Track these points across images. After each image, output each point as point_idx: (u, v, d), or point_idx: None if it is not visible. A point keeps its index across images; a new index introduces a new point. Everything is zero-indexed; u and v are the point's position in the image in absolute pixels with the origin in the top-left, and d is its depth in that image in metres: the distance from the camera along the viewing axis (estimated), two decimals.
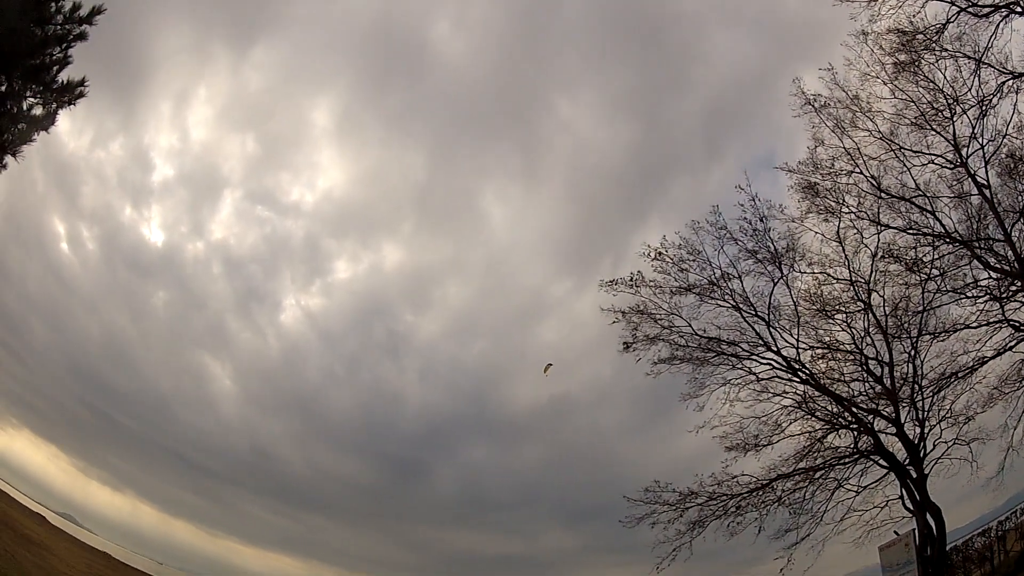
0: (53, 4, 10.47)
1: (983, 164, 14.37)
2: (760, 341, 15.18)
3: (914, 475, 14.72)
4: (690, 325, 15.09)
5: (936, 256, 15.20)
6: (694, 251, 14.87)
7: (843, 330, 15.53)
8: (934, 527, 13.89)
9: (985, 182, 14.30)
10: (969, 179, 14.75)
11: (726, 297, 14.97)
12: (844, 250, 15.27)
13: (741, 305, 15.00)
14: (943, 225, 15.13)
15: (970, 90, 13.87)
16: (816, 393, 15.45)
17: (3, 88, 10.19)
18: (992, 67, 13.42)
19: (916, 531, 14.00)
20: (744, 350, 15.25)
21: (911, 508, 14.60)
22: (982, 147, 14.21)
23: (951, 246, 15.13)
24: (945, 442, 15.16)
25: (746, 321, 15.13)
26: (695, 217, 15.51)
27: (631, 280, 14.94)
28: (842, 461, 15.57)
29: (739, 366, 15.34)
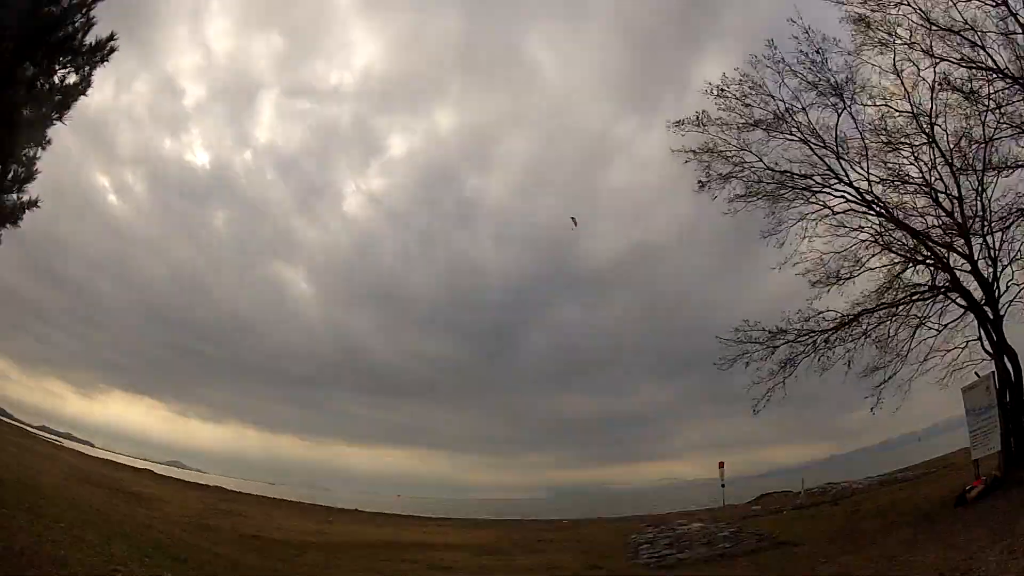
0: None
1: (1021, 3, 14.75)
2: (832, 174, 15.13)
3: (991, 316, 14.68)
4: (761, 160, 15.11)
5: (991, 91, 15.45)
6: (756, 86, 14.84)
7: (911, 163, 15.55)
8: (1011, 371, 13.81)
9: None
10: (1011, 17, 15.14)
11: (793, 131, 14.95)
12: (903, 83, 15.17)
13: (809, 138, 15.00)
14: (994, 61, 15.42)
15: None
16: (891, 226, 15.46)
17: (29, 72, 10.05)
18: None
19: (995, 375, 13.91)
20: (817, 183, 15.24)
21: (989, 351, 14.60)
22: None
23: (1004, 82, 15.39)
24: (1017, 284, 15.04)
25: (815, 154, 15.10)
26: (750, 46, 15.69)
27: (697, 119, 15.04)
28: (922, 297, 15.56)
29: (813, 200, 15.34)
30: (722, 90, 14.92)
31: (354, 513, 37.54)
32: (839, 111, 15.23)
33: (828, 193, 15.36)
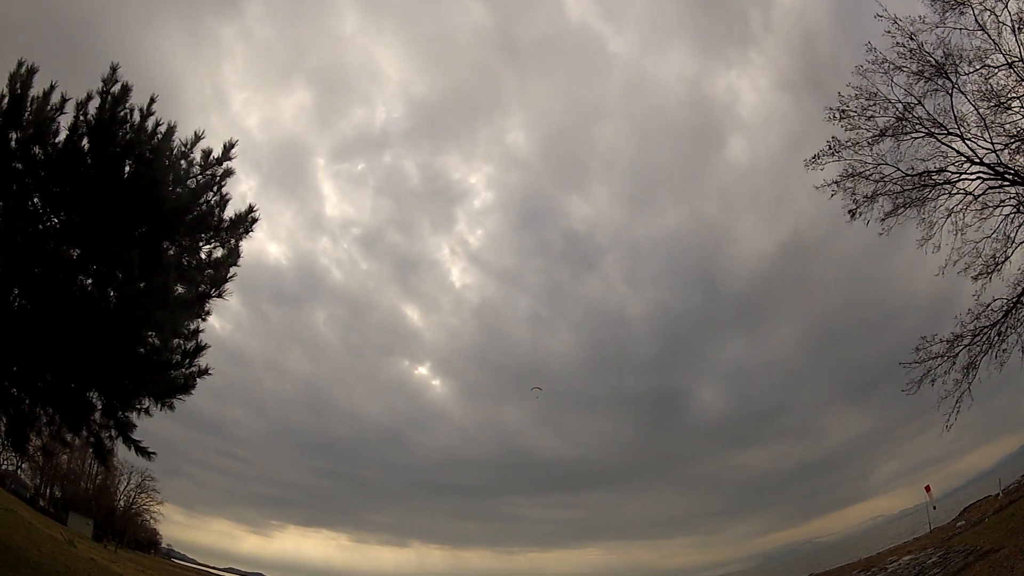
0: (183, 162, 10.66)
1: None
2: (963, 157, 14.76)
3: None
4: (898, 168, 14.89)
5: None
6: (871, 95, 14.70)
7: (1023, 117, 14.95)
8: None
9: None
10: None
11: (917, 128, 14.62)
12: (989, 36, 14.65)
13: (933, 129, 14.63)
14: None
15: None
16: None
17: (172, 252, 10.44)
18: None
19: None
20: (953, 172, 14.88)
21: None
22: None
23: None
24: None
25: (943, 143, 14.74)
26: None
27: (830, 148, 15.02)
28: None
29: (954, 192, 14.94)
30: (843, 111, 14.84)
31: None
32: (949, 91, 14.91)
33: (965, 179, 15.00)
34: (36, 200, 11.23)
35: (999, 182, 14.98)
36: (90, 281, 9.82)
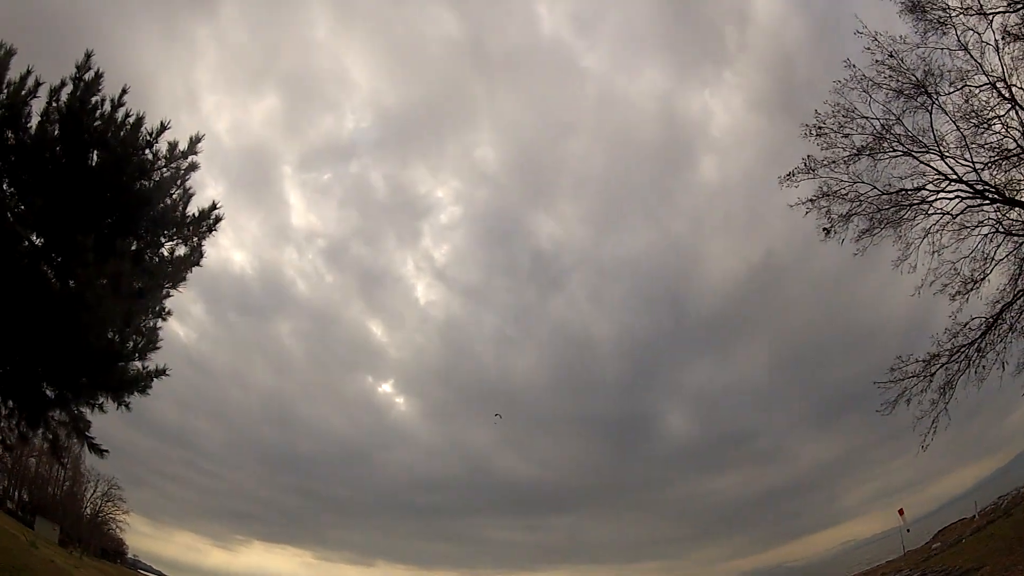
0: (148, 152, 10.31)
1: None
2: (941, 175, 14.80)
3: None
4: (874, 187, 14.93)
5: None
6: (848, 112, 14.75)
7: (1004, 135, 15.03)
8: None
9: None
10: None
11: (895, 146, 14.68)
12: (971, 56, 14.70)
13: (911, 148, 14.66)
14: None
15: None
16: (1006, 207, 14.90)
17: (133, 247, 10.05)
18: None
19: None
20: (931, 191, 14.90)
21: None
22: None
23: None
24: None
25: (920, 162, 14.78)
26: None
27: (805, 166, 15.02)
28: None
29: (932, 211, 14.98)
30: (819, 127, 14.87)
31: None
32: (929, 108, 15.01)
33: (943, 197, 15.05)
34: (4, 186, 11.07)
35: (978, 200, 15.03)
36: (51, 272, 9.63)
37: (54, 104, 10.73)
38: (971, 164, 14.89)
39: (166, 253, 10.43)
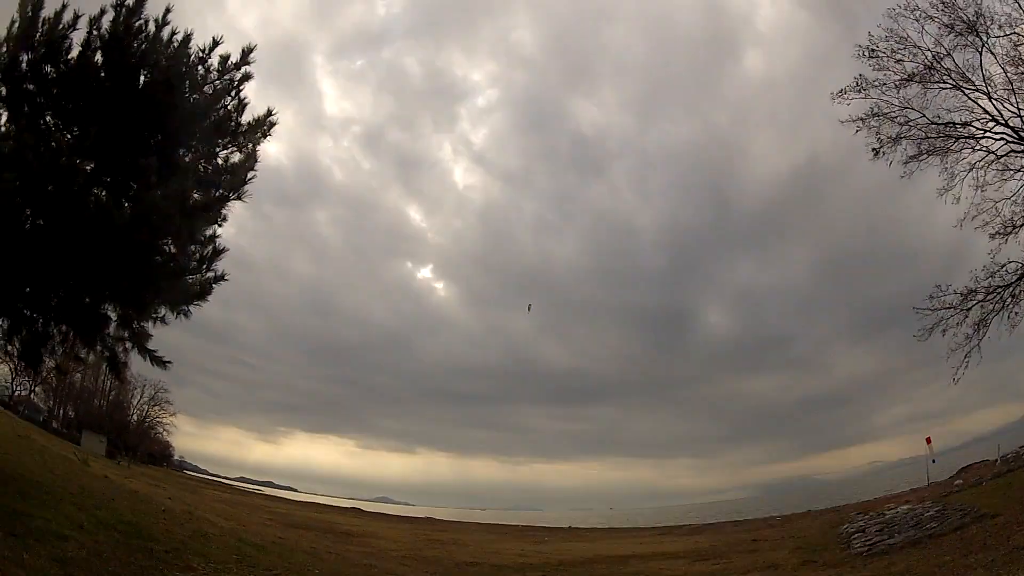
0: (200, 68, 10.35)
1: None
2: (988, 116, 14.75)
3: None
4: (923, 115, 14.94)
5: None
6: (901, 39, 14.69)
7: None
8: None
9: None
10: None
11: (945, 78, 14.61)
12: (1019, 4, 14.29)
13: (960, 83, 14.62)
14: None
15: None
16: None
17: (188, 158, 10.27)
18: None
19: None
20: (977, 128, 14.89)
21: None
22: None
23: None
24: None
25: (970, 99, 14.76)
26: None
27: (857, 84, 15.09)
28: None
29: (977, 148, 14.96)
30: (872, 50, 14.87)
31: (567, 531, 37.90)
32: (979, 48, 14.79)
33: (989, 138, 14.95)
34: (49, 118, 11.14)
35: (1021, 146, 14.92)
36: (104, 193, 9.80)
37: (95, 32, 10.74)
38: (1016, 109, 14.75)
39: (220, 162, 10.51)
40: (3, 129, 10.86)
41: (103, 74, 10.40)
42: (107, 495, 14.73)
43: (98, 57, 10.70)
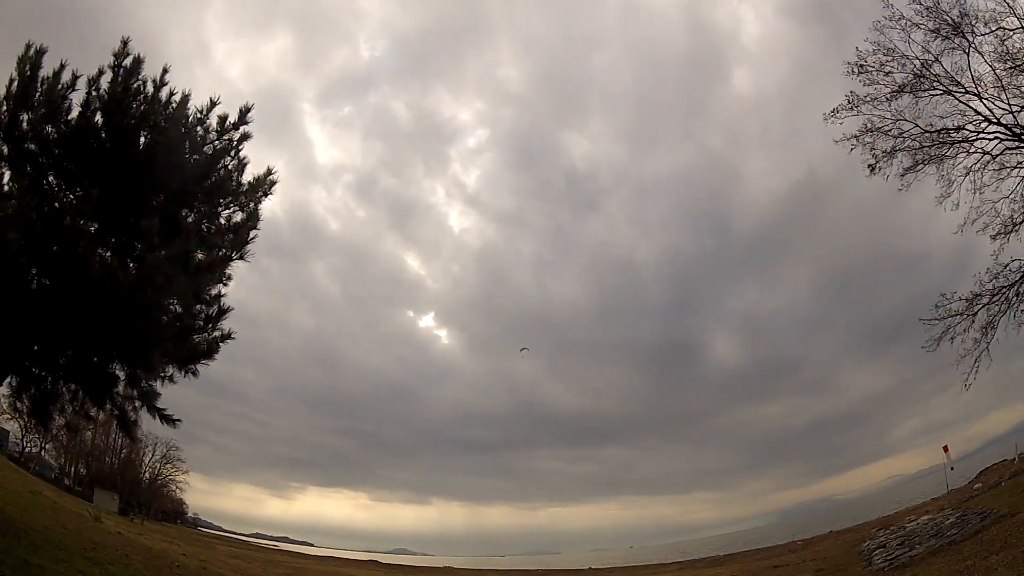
0: (199, 129, 10.52)
1: None
2: (981, 117, 14.80)
3: None
4: (916, 125, 15.01)
5: None
6: (888, 51, 14.83)
7: None
8: None
9: None
10: None
11: (935, 85, 14.70)
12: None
13: (950, 88, 14.69)
14: None
15: None
16: None
17: (191, 219, 10.35)
18: None
19: None
20: (971, 131, 14.94)
21: None
22: None
23: None
24: None
25: (960, 102, 14.84)
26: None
27: (849, 102, 15.21)
28: None
29: (972, 150, 15.02)
30: (861, 65, 15.00)
31: (587, 572, 37.70)
32: (966, 50, 14.90)
33: (983, 138, 15.01)
34: (51, 178, 11.27)
35: (1016, 143, 14.99)
36: (109, 254, 9.88)
37: (94, 93, 10.90)
38: (1008, 106, 14.81)
39: (223, 221, 10.66)
40: (6, 189, 11.04)
41: (104, 135, 10.58)
42: (120, 550, 14.64)
43: (98, 118, 10.91)
